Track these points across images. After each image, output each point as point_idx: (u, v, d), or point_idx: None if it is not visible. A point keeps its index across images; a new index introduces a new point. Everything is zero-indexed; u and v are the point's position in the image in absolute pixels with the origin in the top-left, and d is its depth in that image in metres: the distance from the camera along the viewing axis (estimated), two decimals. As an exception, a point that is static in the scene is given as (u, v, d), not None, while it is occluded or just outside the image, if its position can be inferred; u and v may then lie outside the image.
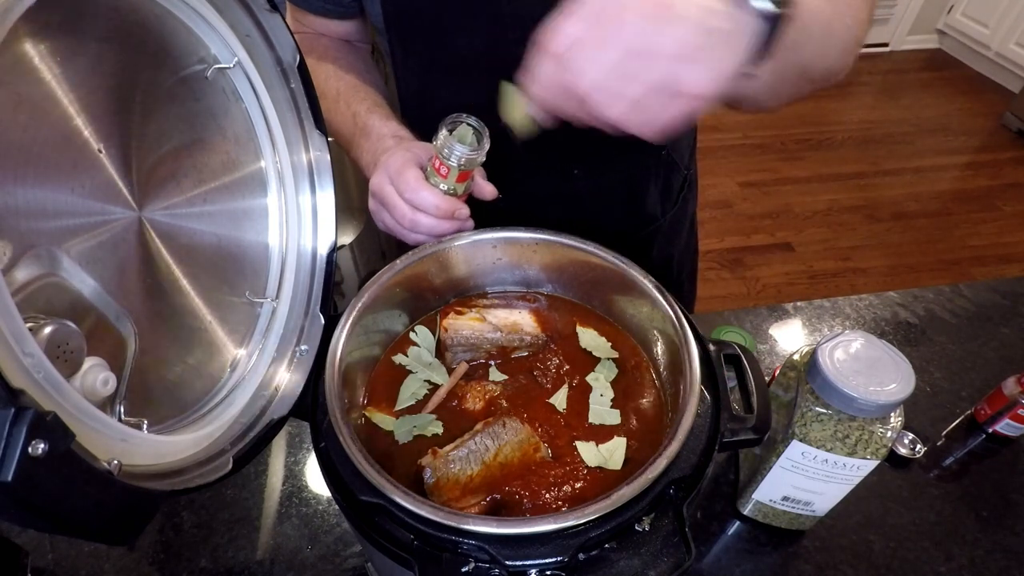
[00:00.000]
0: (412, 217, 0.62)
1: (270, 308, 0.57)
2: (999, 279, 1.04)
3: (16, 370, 0.30)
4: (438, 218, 0.62)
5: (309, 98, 0.56)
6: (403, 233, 0.64)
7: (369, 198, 0.67)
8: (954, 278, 2.42)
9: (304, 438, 0.76)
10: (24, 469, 0.26)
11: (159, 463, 0.40)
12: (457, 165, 0.60)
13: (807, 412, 0.56)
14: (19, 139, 0.35)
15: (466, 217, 0.64)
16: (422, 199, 0.61)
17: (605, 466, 0.51)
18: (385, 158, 0.65)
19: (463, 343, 0.59)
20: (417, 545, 0.42)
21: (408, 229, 0.63)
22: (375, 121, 0.71)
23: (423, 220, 0.62)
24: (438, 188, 0.61)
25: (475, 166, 0.61)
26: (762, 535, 0.68)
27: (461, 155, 0.59)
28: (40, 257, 0.37)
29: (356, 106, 0.74)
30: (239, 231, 0.56)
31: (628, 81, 0.40)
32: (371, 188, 0.65)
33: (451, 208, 0.62)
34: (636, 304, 0.60)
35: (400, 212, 0.63)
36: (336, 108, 0.75)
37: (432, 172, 0.62)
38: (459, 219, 0.63)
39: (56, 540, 0.65)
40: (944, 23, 3.76)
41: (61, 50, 0.37)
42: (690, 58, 0.39)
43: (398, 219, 0.63)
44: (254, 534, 0.67)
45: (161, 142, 0.47)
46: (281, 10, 0.51)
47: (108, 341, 0.42)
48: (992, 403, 0.78)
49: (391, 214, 0.64)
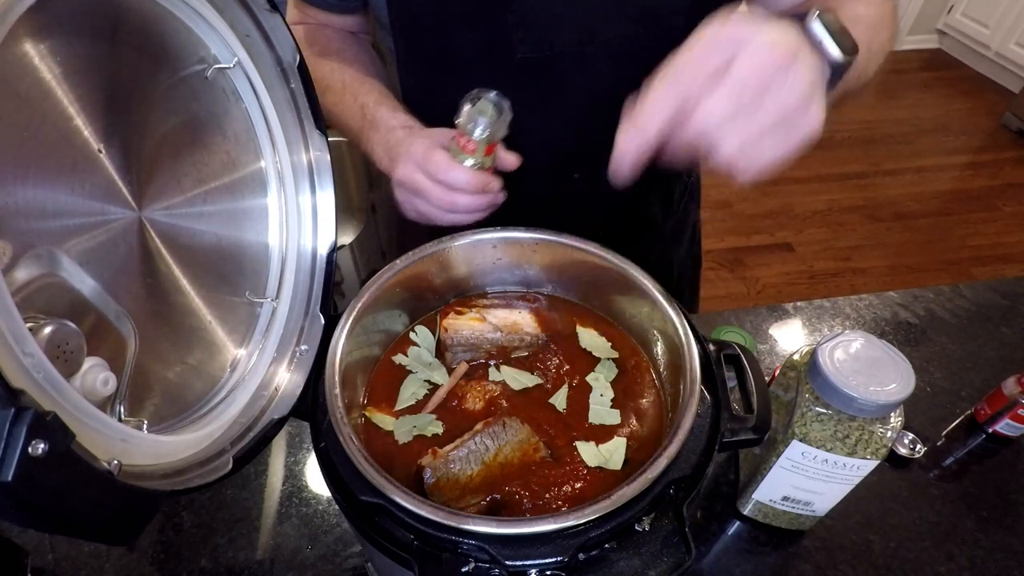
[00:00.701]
0: (448, 198, 0.63)
1: (270, 308, 0.57)
2: (999, 279, 1.04)
3: (16, 370, 0.30)
4: (473, 194, 0.63)
5: (309, 98, 0.55)
6: (440, 216, 0.65)
7: (396, 190, 0.67)
8: (954, 278, 2.42)
9: (304, 438, 0.76)
10: (24, 469, 0.26)
11: (159, 463, 0.40)
12: (484, 138, 0.61)
13: (807, 412, 0.56)
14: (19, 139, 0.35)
15: (498, 189, 0.65)
16: (455, 178, 0.62)
17: (605, 466, 0.51)
18: (405, 147, 0.65)
19: (463, 343, 0.59)
20: (417, 545, 0.42)
21: (446, 210, 0.64)
22: (384, 113, 0.71)
23: (460, 199, 0.63)
24: (466, 165, 0.62)
25: (500, 137, 0.63)
26: (762, 535, 0.68)
27: (486, 127, 0.60)
28: (40, 257, 0.37)
29: (363, 98, 0.73)
30: (239, 231, 0.56)
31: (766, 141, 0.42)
32: (398, 179, 0.65)
33: (484, 182, 0.63)
34: (636, 304, 0.60)
35: (435, 196, 0.63)
36: (343, 100, 0.74)
37: (458, 150, 0.62)
38: (492, 191, 0.64)
39: (56, 540, 0.65)
40: (944, 23, 3.76)
41: (61, 50, 0.37)
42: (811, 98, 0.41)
43: (435, 203, 0.63)
44: (254, 534, 0.67)
45: (161, 142, 0.47)
46: (281, 10, 0.51)
47: (108, 341, 0.42)
48: (992, 403, 0.78)
49: (426, 200, 0.64)
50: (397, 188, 0.66)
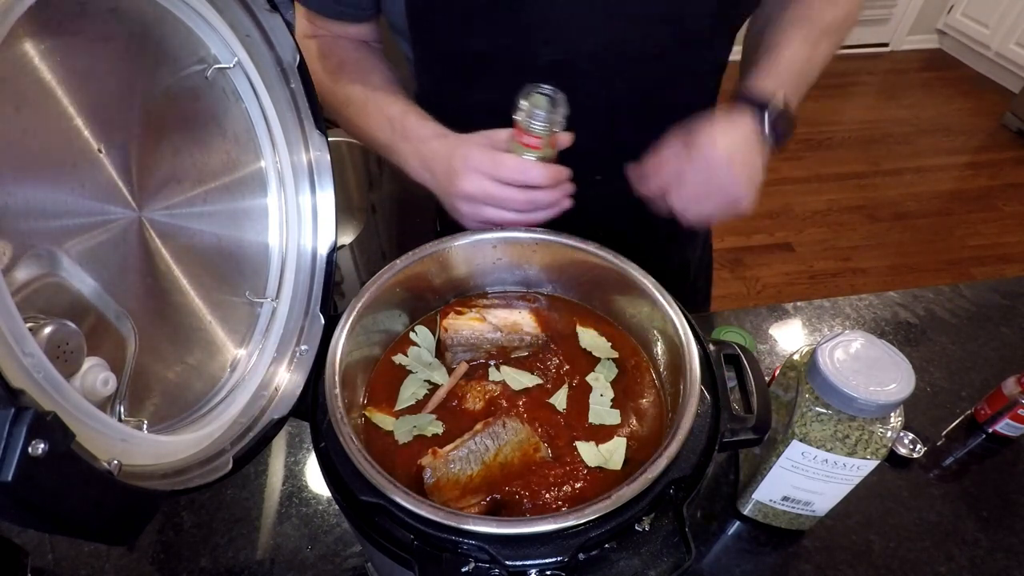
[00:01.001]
0: (528, 197, 0.62)
1: (270, 308, 0.57)
2: (999, 279, 1.04)
3: (16, 370, 0.30)
4: (551, 188, 0.63)
5: (309, 98, 0.55)
6: (521, 219, 0.64)
7: (459, 204, 0.65)
8: (954, 278, 2.42)
9: (304, 438, 0.76)
10: (24, 469, 0.26)
11: (159, 463, 0.40)
12: (546, 131, 0.60)
13: (807, 412, 0.56)
14: (19, 139, 0.35)
15: (568, 176, 0.64)
16: (533, 176, 0.61)
17: (605, 466, 0.51)
18: (460, 160, 0.63)
19: (463, 343, 0.59)
20: (417, 545, 0.42)
21: (528, 211, 0.64)
22: (413, 123, 0.70)
23: (540, 196, 0.62)
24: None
25: (560, 129, 0.62)
26: (762, 535, 0.68)
27: (547, 120, 0.60)
28: (40, 257, 0.37)
29: (389, 109, 0.72)
30: (239, 231, 0.56)
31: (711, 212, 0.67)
32: (467, 193, 0.63)
33: (557, 174, 0.62)
34: (636, 304, 0.60)
35: (514, 199, 0.62)
36: (366, 112, 0.73)
37: (522, 148, 0.62)
38: (565, 180, 0.64)
39: (56, 540, 0.65)
40: (944, 23, 3.76)
41: (61, 50, 0.37)
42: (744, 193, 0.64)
43: (515, 207, 0.63)
44: (254, 534, 0.67)
45: (161, 142, 0.47)
46: (281, 10, 0.51)
47: (108, 341, 0.42)
48: (992, 403, 0.78)
49: (504, 207, 0.63)
50: (462, 202, 0.64)
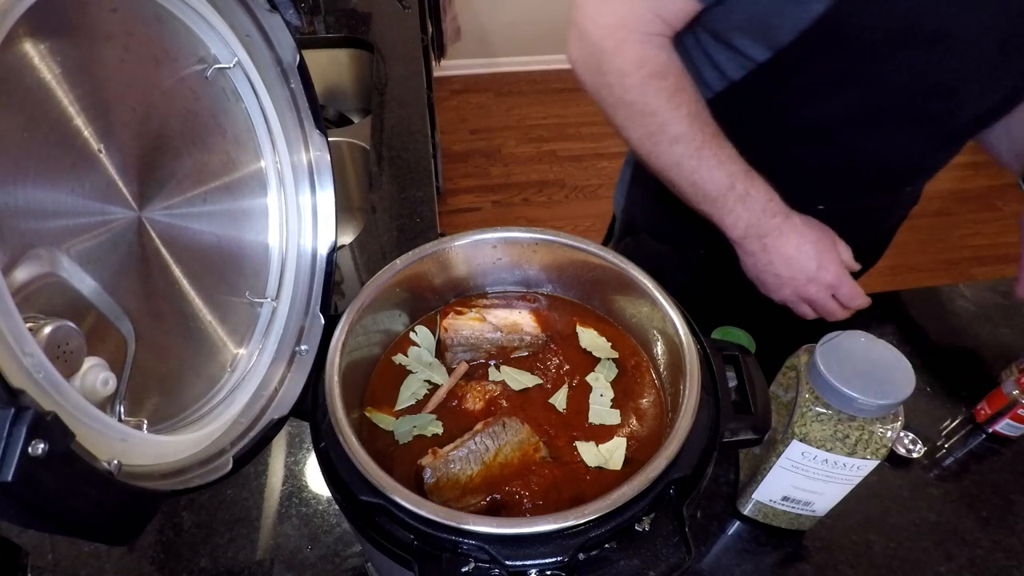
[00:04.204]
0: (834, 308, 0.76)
1: (270, 308, 0.57)
2: (999, 279, 1.04)
3: (16, 370, 0.30)
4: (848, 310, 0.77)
5: (309, 98, 0.55)
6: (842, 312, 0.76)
7: (807, 288, 0.74)
8: (954, 278, 2.42)
9: (304, 438, 0.76)
10: (24, 469, 0.26)
11: (159, 463, 0.40)
12: None
13: (807, 412, 0.56)
14: (19, 139, 0.35)
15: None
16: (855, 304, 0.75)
17: (605, 466, 0.51)
18: (818, 260, 0.72)
19: (463, 343, 0.59)
20: (417, 545, 0.41)
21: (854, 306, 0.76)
22: (758, 191, 0.71)
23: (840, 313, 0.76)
24: None
25: None
26: (762, 535, 0.68)
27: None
28: (40, 257, 0.37)
29: (730, 166, 0.70)
30: (239, 231, 0.56)
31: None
32: (826, 281, 0.73)
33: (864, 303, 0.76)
34: (636, 304, 0.60)
35: (831, 311, 0.75)
36: (701, 157, 0.70)
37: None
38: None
39: (56, 540, 0.65)
40: (944, 23, 3.75)
41: (61, 50, 0.37)
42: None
43: (823, 312, 0.76)
44: (254, 534, 0.67)
45: (161, 142, 0.47)
46: (281, 10, 0.51)
47: (108, 341, 0.41)
48: (992, 403, 0.78)
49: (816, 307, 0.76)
50: (814, 287, 0.73)
